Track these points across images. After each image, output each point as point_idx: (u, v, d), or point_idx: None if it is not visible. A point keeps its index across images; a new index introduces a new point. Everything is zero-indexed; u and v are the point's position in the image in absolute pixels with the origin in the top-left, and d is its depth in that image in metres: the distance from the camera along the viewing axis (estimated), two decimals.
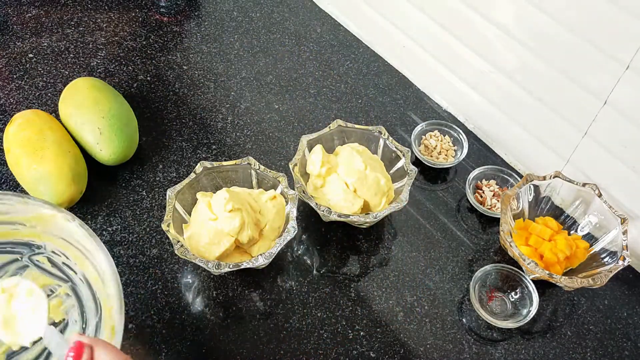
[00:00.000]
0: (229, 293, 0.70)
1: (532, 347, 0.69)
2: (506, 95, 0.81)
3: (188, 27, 1.01)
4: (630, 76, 0.64)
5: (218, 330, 0.67)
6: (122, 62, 0.94)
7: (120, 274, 0.71)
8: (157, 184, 0.79)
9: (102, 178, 0.79)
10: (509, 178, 0.81)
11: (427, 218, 0.79)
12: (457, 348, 0.68)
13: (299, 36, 1.01)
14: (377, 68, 0.97)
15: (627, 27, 0.62)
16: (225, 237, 0.67)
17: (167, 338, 0.66)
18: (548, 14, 0.69)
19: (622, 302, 0.73)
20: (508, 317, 0.69)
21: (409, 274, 0.74)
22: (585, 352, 0.69)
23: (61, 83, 0.89)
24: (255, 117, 0.88)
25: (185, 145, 0.84)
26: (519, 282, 0.71)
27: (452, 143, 0.86)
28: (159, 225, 0.75)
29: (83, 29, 0.98)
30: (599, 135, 0.72)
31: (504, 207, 0.72)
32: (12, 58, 0.92)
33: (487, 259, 0.76)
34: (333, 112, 0.90)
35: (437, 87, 0.92)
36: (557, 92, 0.74)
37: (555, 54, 0.71)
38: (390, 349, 0.67)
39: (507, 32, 0.75)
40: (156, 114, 0.87)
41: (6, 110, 0.86)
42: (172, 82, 0.92)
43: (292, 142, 0.86)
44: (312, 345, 0.67)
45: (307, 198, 0.72)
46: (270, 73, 0.95)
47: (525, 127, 0.81)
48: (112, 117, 0.77)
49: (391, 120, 0.90)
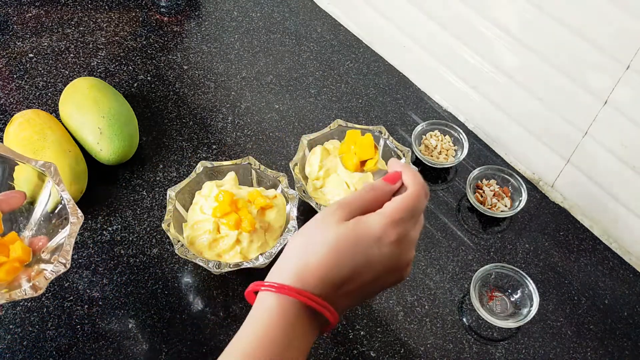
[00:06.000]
0: (229, 293, 0.70)
1: (532, 347, 0.69)
2: (506, 95, 0.81)
3: (188, 27, 1.01)
4: (630, 76, 0.64)
5: (218, 330, 0.67)
6: (123, 61, 0.94)
7: (121, 274, 0.71)
8: (157, 184, 0.79)
9: (103, 178, 0.79)
10: (510, 178, 0.81)
11: (428, 218, 0.79)
12: (458, 348, 0.68)
13: (299, 36, 1.01)
14: (377, 68, 0.97)
15: (627, 27, 0.62)
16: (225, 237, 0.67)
17: (167, 338, 0.66)
18: (548, 14, 0.69)
19: (622, 302, 0.73)
20: (508, 317, 0.70)
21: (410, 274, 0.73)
22: (586, 352, 0.69)
23: (61, 83, 0.89)
24: (255, 116, 0.88)
25: (186, 145, 0.84)
26: (519, 282, 0.71)
27: (452, 143, 0.86)
28: (159, 225, 0.75)
29: (83, 28, 0.98)
30: (599, 135, 0.72)
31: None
32: (13, 58, 0.92)
33: (487, 258, 0.76)
34: (333, 111, 0.90)
35: (437, 87, 0.93)
36: (557, 92, 0.74)
37: (556, 54, 0.71)
38: (391, 349, 0.67)
39: (508, 32, 0.75)
40: (156, 114, 0.87)
41: (6, 110, 0.86)
42: (173, 82, 0.92)
43: (292, 142, 0.86)
44: (312, 345, 0.67)
45: (307, 198, 0.72)
46: (270, 73, 0.95)
47: (525, 127, 0.81)
48: (113, 117, 0.77)
49: (391, 120, 0.90)
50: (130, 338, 0.66)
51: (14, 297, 0.50)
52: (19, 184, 0.58)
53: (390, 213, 0.44)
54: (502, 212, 0.78)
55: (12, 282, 0.53)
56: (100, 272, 0.71)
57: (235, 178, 0.73)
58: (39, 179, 0.58)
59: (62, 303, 0.68)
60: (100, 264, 0.72)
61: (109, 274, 0.71)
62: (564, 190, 0.81)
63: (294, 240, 0.45)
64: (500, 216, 0.78)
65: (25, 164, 0.57)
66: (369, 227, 0.43)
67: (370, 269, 0.43)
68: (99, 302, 0.68)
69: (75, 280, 0.70)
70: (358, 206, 0.45)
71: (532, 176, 0.84)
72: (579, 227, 0.80)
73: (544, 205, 0.82)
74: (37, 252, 0.55)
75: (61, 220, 0.57)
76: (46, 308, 0.68)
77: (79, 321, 0.67)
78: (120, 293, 0.69)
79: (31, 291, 0.51)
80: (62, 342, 0.65)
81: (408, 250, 0.45)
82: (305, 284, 0.42)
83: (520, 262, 0.75)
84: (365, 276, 0.43)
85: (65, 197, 0.56)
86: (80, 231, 0.74)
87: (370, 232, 0.43)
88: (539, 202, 0.82)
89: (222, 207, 0.67)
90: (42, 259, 0.55)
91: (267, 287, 0.43)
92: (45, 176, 0.57)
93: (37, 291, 0.51)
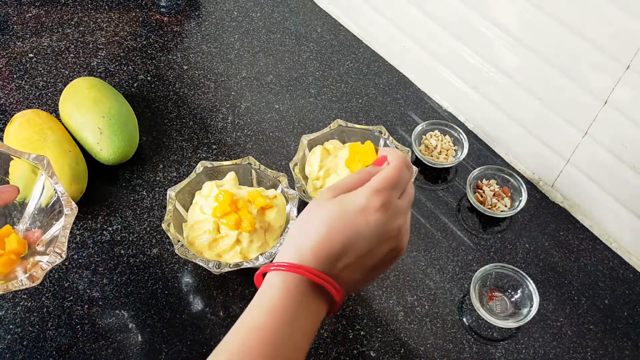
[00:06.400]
0: (229, 293, 0.70)
1: (532, 347, 0.69)
2: (506, 95, 0.81)
3: (188, 27, 1.01)
4: (630, 76, 0.64)
5: (218, 330, 0.67)
6: (123, 61, 0.94)
7: (121, 274, 0.71)
8: (157, 184, 0.79)
9: (103, 178, 0.79)
10: (510, 178, 0.81)
11: (428, 218, 0.79)
12: (458, 348, 0.68)
13: (299, 36, 1.01)
14: (377, 68, 0.97)
15: (627, 27, 0.62)
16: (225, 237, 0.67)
17: (167, 338, 0.66)
18: (548, 14, 0.69)
19: (623, 302, 0.73)
20: (508, 317, 0.70)
21: (410, 274, 0.74)
22: (586, 352, 0.69)
23: (61, 83, 0.89)
24: (255, 116, 0.88)
25: (186, 145, 0.84)
26: (519, 282, 0.71)
27: (452, 143, 0.86)
28: (159, 225, 0.75)
29: (83, 28, 0.98)
30: (599, 135, 0.72)
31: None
32: (13, 58, 0.92)
33: (487, 258, 0.76)
34: (333, 111, 0.90)
35: (437, 87, 0.93)
36: (557, 92, 0.74)
37: (556, 54, 0.71)
38: (391, 349, 0.67)
39: (508, 32, 0.75)
40: (156, 114, 0.88)
41: (6, 110, 0.86)
42: (173, 82, 0.92)
43: (292, 142, 0.86)
44: (312, 345, 0.67)
45: (307, 198, 0.72)
46: (270, 73, 0.95)
47: (525, 127, 0.81)
48: (113, 117, 0.77)
49: (391, 120, 0.90)
50: (131, 338, 0.66)
51: (10, 288, 0.50)
52: (13, 179, 0.58)
53: (371, 184, 0.47)
54: (502, 212, 0.78)
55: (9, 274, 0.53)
56: (100, 272, 0.71)
57: (235, 178, 0.73)
58: (32, 173, 0.58)
59: (62, 303, 0.68)
60: (100, 264, 0.72)
61: (109, 274, 0.71)
62: (564, 190, 0.81)
63: (292, 226, 0.49)
64: (500, 216, 0.78)
65: (18, 157, 0.57)
66: (353, 200, 0.46)
67: (361, 239, 0.45)
68: (99, 302, 0.68)
69: (75, 280, 0.70)
70: (345, 186, 0.48)
71: (532, 176, 0.84)
72: (579, 227, 0.80)
73: (544, 205, 0.82)
74: (32, 245, 0.56)
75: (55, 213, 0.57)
76: (46, 308, 0.68)
77: (79, 321, 0.67)
78: (120, 293, 0.69)
79: (28, 281, 0.51)
80: (62, 342, 0.65)
81: (395, 216, 0.47)
82: (305, 262, 0.45)
83: (520, 262, 0.75)
84: (358, 247, 0.45)
85: (59, 190, 0.57)
86: (80, 231, 0.74)
87: (355, 203, 0.46)
88: (539, 202, 0.82)
89: (222, 207, 0.67)
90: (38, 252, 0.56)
91: (276, 267, 0.45)
92: (38, 169, 0.57)
93: (34, 281, 0.51)
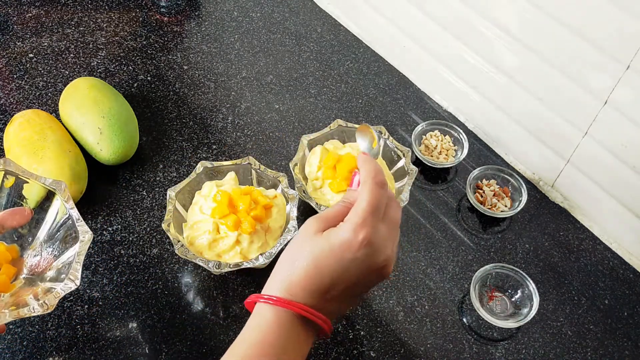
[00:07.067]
0: (229, 293, 0.70)
1: (532, 347, 0.69)
2: (506, 95, 0.81)
3: (188, 27, 1.01)
4: (630, 76, 0.64)
5: (218, 330, 0.67)
6: (123, 62, 0.94)
7: (121, 274, 0.71)
8: (157, 184, 0.79)
9: (103, 178, 0.79)
10: (510, 178, 0.81)
11: (428, 218, 0.79)
12: (458, 348, 0.68)
13: (299, 36, 1.01)
14: (377, 68, 0.97)
15: (627, 27, 0.62)
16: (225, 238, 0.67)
17: (167, 338, 0.66)
18: (548, 13, 0.69)
19: (623, 302, 0.73)
20: (508, 317, 0.70)
21: (410, 274, 0.74)
22: (586, 352, 0.69)
23: (61, 83, 0.89)
24: (255, 117, 0.88)
25: (186, 145, 0.84)
26: (519, 282, 0.71)
27: (452, 143, 0.86)
28: (159, 225, 0.75)
29: (83, 28, 0.98)
30: (599, 135, 0.72)
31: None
32: (13, 58, 0.92)
33: (487, 258, 0.76)
34: (333, 111, 0.90)
35: (437, 87, 0.93)
36: (557, 92, 0.74)
37: (556, 54, 0.71)
38: (391, 349, 0.67)
39: (508, 32, 0.75)
40: (156, 114, 0.88)
41: (6, 110, 0.86)
42: (173, 82, 0.92)
43: (292, 142, 0.86)
44: (312, 345, 0.67)
45: (307, 198, 0.72)
46: (270, 73, 0.95)
47: (525, 127, 0.81)
48: (113, 117, 0.77)
49: (391, 120, 0.90)
50: (131, 338, 0.66)
51: (21, 315, 0.50)
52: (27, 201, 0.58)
53: (352, 219, 0.47)
54: (502, 212, 0.78)
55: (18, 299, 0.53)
56: (100, 272, 0.71)
57: (235, 178, 0.73)
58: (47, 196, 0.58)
59: (62, 303, 0.68)
60: (100, 264, 0.72)
61: (109, 274, 0.71)
62: (564, 190, 0.81)
63: (281, 257, 0.50)
64: (500, 216, 0.78)
65: (34, 181, 0.57)
66: (339, 236, 0.47)
67: (349, 273, 0.47)
68: (99, 302, 0.68)
69: None
70: (332, 216, 0.50)
71: (532, 176, 0.84)
72: (579, 227, 0.80)
73: (544, 205, 0.82)
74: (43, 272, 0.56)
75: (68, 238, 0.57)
76: None
77: (79, 321, 0.67)
78: (120, 293, 0.69)
79: (40, 308, 0.51)
80: (62, 342, 0.65)
81: (380, 249, 0.48)
82: (294, 296, 0.47)
83: (520, 262, 0.75)
84: (346, 280, 0.47)
85: (74, 215, 0.57)
86: None
87: (341, 240, 0.47)
88: (539, 202, 0.82)
89: (221, 209, 0.67)
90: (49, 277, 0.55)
91: (265, 300, 0.48)
92: (54, 194, 0.57)
93: (48, 309, 0.51)
